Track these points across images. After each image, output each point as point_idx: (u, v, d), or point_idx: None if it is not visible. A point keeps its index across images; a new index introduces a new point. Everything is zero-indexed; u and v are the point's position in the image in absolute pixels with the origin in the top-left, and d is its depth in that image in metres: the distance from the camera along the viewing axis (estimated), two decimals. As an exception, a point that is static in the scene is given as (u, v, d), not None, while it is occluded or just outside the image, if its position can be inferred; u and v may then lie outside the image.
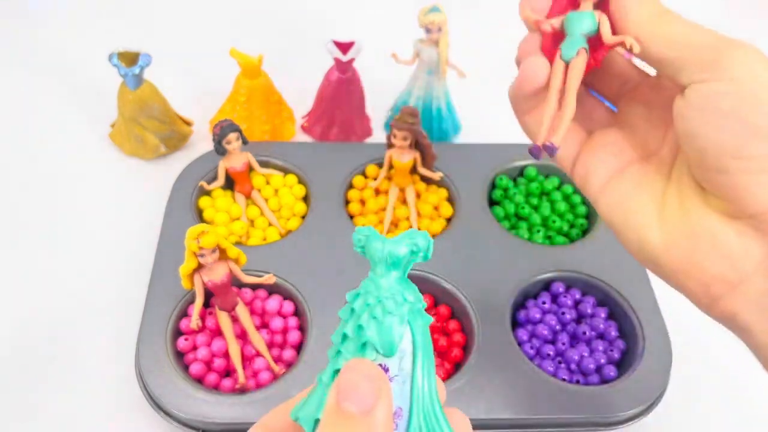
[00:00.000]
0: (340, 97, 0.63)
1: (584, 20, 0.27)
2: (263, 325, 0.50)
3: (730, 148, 0.25)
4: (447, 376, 0.48)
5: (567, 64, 0.28)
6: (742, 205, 0.26)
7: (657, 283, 0.52)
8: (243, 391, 0.46)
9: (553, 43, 0.29)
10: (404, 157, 0.56)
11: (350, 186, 0.59)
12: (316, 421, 0.21)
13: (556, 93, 0.29)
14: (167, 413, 0.44)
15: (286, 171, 0.60)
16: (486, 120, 0.71)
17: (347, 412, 0.19)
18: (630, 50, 0.27)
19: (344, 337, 0.22)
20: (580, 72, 0.28)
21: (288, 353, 0.48)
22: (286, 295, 0.51)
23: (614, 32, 0.27)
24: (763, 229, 0.26)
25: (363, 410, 0.19)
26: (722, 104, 0.25)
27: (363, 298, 0.21)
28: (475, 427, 0.45)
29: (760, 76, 0.25)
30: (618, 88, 0.33)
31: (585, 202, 0.60)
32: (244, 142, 0.55)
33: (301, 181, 0.59)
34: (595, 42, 0.28)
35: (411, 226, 0.57)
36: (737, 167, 0.25)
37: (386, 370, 0.21)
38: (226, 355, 0.47)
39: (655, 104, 0.31)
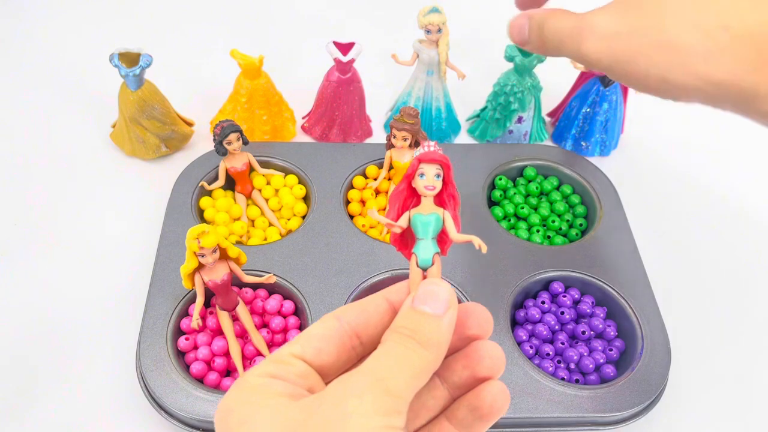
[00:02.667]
0: (341, 98, 0.63)
1: (431, 223, 0.27)
2: (263, 325, 0.50)
3: None
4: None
5: (424, 270, 0.27)
6: None
7: (656, 283, 0.53)
8: (243, 390, 0.46)
9: (401, 237, 0.29)
10: (404, 158, 0.56)
11: (350, 186, 0.59)
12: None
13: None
14: (168, 412, 0.44)
15: (286, 171, 0.60)
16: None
17: (422, 312, 0.23)
18: (479, 248, 0.27)
19: None
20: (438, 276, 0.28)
21: (288, 353, 0.48)
22: (287, 295, 0.51)
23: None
24: None
25: (436, 314, 0.23)
26: None
27: None
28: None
29: None
30: None
31: (584, 202, 0.61)
32: (245, 142, 0.55)
33: (301, 182, 0.59)
34: (440, 236, 0.28)
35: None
36: None
37: None
38: (226, 354, 0.48)
39: None
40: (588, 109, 0.65)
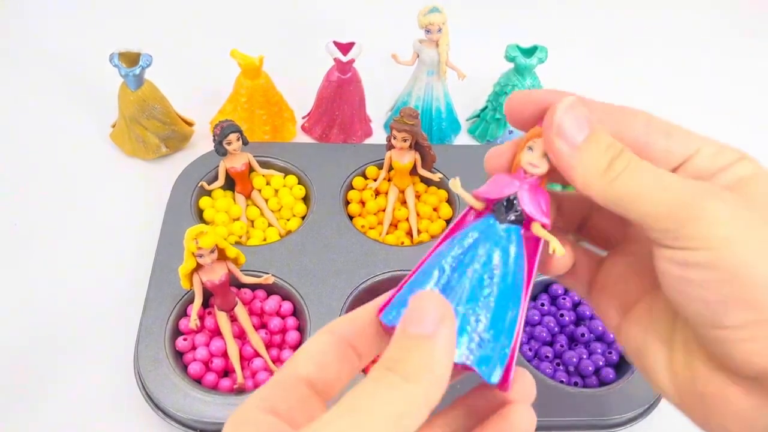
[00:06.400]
0: (341, 98, 0.63)
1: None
2: (262, 325, 0.50)
3: (708, 318, 0.22)
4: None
5: None
6: (739, 369, 0.22)
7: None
8: (241, 391, 0.46)
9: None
10: (404, 159, 0.56)
11: (350, 187, 0.59)
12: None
13: None
14: (165, 413, 0.44)
15: (286, 171, 0.60)
16: (486, 121, 0.71)
17: (412, 334, 0.20)
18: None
19: None
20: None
21: (286, 353, 0.48)
22: (285, 296, 0.51)
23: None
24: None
25: (425, 334, 0.20)
26: (691, 275, 0.22)
27: None
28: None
29: (733, 242, 0.21)
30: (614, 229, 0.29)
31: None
32: (245, 142, 0.55)
33: (301, 182, 0.59)
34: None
35: (410, 228, 0.57)
36: (721, 336, 0.22)
37: None
38: (224, 355, 0.47)
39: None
40: (589, 110, 0.64)
